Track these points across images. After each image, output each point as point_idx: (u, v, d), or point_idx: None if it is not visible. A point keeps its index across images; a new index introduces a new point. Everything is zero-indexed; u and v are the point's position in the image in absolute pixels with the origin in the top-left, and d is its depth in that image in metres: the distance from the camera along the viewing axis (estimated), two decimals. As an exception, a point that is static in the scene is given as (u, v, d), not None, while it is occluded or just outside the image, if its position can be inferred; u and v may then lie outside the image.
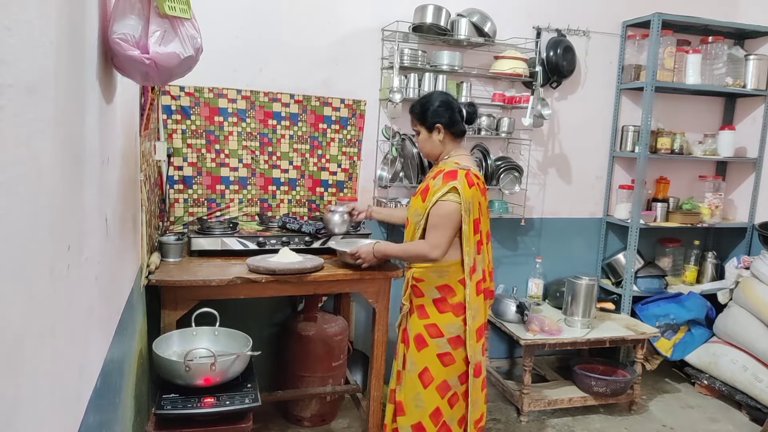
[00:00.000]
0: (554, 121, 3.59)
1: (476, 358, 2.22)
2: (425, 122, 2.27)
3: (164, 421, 1.78)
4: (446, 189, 2.14)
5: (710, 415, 3.32)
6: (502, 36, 3.26)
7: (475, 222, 2.19)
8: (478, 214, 2.19)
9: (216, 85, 2.91)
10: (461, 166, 2.19)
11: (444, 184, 2.15)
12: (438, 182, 2.18)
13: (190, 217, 2.95)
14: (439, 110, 2.23)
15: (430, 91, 2.36)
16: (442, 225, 2.15)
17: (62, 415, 0.92)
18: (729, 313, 3.52)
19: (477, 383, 2.25)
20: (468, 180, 2.16)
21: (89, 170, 1.13)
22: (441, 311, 2.22)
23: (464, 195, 2.13)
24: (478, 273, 2.22)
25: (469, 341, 2.20)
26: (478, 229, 2.21)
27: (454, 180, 2.14)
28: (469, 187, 2.15)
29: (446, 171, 2.19)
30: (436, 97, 2.28)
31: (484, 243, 2.25)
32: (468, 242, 2.17)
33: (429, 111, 2.25)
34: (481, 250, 2.23)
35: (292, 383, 2.88)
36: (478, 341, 2.23)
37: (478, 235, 2.21)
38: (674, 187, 3.84)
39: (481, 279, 2.24)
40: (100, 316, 1.25)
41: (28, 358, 0.74)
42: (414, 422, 2.27)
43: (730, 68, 3.64)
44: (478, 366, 2.24)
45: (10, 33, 0.66)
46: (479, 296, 2.23)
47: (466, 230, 2.16)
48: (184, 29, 1.31)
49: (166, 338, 2.06)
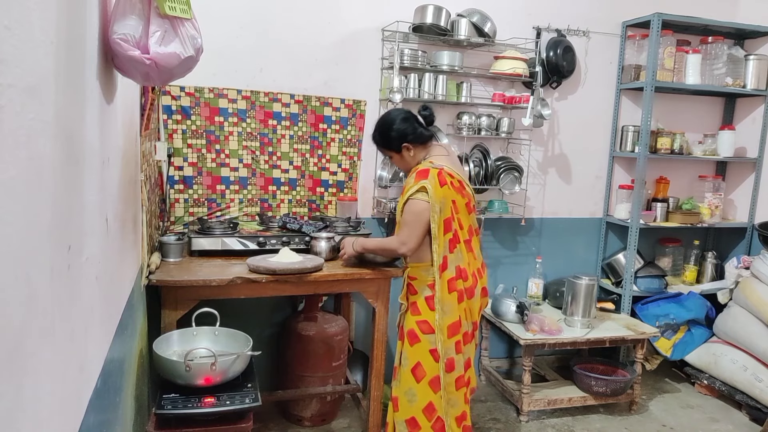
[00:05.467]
0: (554, 121, 3.59)
1: (448, 354, 2.25)
2: (392, 148, 2.32)
3: (164, 421, 1.78)
4: (416, 188, 2.19)
5: (710, 415, 3.32)
6: (502, 36, 3.26)
7: (447, 221, 2.22)
8: (450, 212, 2.22)
9: (216, 85, 2.91)
10: (434, 165, 2.23)
11: (415, 183, 2.21)
12: (411, 181, 2.25)
13: (190, 217, 2.95)
14: (399, 131, 2.27)
15: (382, 115, 2.38)
16: (410, 222, 2.21)
17: (63, 414, 0.92)
18: (729, 313, 3.52)
19: (450, 379, 2.27)
20: (440, 179, 2.19)
21: (89, 170, 1.13)
22: (431, 308, 2.25)
23: (434, 194, 2.17)
24: (450, 271, 2.24)
25: (439, 336, 2.23)
26: (451, 227, 2.23)
27: (424, 179, 2.19)
28: (440, 186, 2.19)
29: (419, 170, 2.25)
30: (391, 119, 2.30)
31: (461, 241, 2.27)
32: (436, 240, 2.21)
33: (391, 136, 2.29)
34: (455, 249, 2.25)
35: (293, 383, 2.89)
36: (450, 338, 2.25)
37: (450, 233, 2.24)
38: (674, 187, 3.84)
39: (454, 277, 2.25)
40: (100, 315, 1.25)
41: (28, 358, 0.74)
42: (407, 417, 2.29)
43: (729, 68, 3.64)
44: (450, 362, 2.26)
45: (10, 33, 0.67)
46: (452, 294, 2.25)
47: (434, 229, 2.20)
48: (184, 29, 1.31)
49: (166, 338, 2.06)
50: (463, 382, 2.31)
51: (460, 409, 2.31)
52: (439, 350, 2.23)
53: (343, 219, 2.99)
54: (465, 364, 2.32)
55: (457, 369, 2.28)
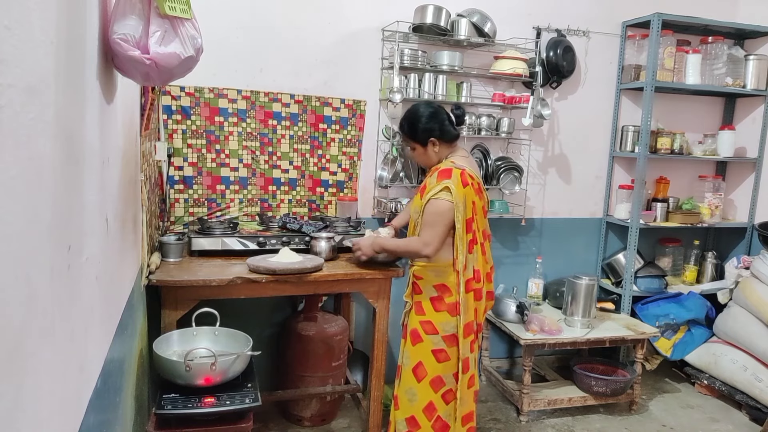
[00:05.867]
0: (554, 121, 3.59)
1: (464, 354, 2.25)
2: (418, 139, 2.29)
3: (164, 421, 1.78)
4: (439, 188, 2.17)
5: (710, 415, 3.32)
6: (502, 36, 3.26)
7: (468, 221, 2.21)
8: (471, 213, 2.21)
9: (216, 85, 2.91)
10: (456, 166, 2.22)
11: (438, 183, 2.19)
12: (433, 181, 2.22)
13: (190, 217, 2.95)
14: (429, 124, 2.25)
15: (413, 105, 2.31)
16: (434, 223, 2.19)
17: (63, 414, 0.92)
18: (729, 313, 3.52)
19: (465, 379, 2.28)
20: (462, 179, 2.18)
21: (89, 170, 1.13)
22: (437, 309, 2.25)
23: (457, 194, 2.16)
24: (468, 271, 2.24)
25: (459, 338, 2.23)
26: (471, 228, 2.23)
27: (447, 179, 2.17)
28: (462, 186, 2.17)
29: (441, 169, 2.23)
30: (422, 111, 2.27)
31: (478, 242, 2.27)
32: (461, 241, 2.20)
33: (419, 127, 2.26)
34: (473, 250, 2.25)
35: (293, 383, 2.89)
36: (466, 337, 2.25)
37: (470, 234, 2.23)
38: (674, 187, 3.84)
39: (471, 278, 2.25)
40: (100, 315, 1.25)
41: (28, 358, 0.74)
42: (407, 416, 2.30)
43: (729, 68, 3.64)
44: (465, 362, 2.26)
45: (10, 33, 0.67)
46: (468, 294, 2.25)
47: (459, 229, 2.19)
48: (184, 29, 1.31)
49: (166, 338, 2.06)
50: (473, 382, 2.33)
51: (468, 408, 2.32)
52: (460, 351, 2.23)
53: (343, 219, 2.99)
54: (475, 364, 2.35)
55: (470, 369, 2.29)
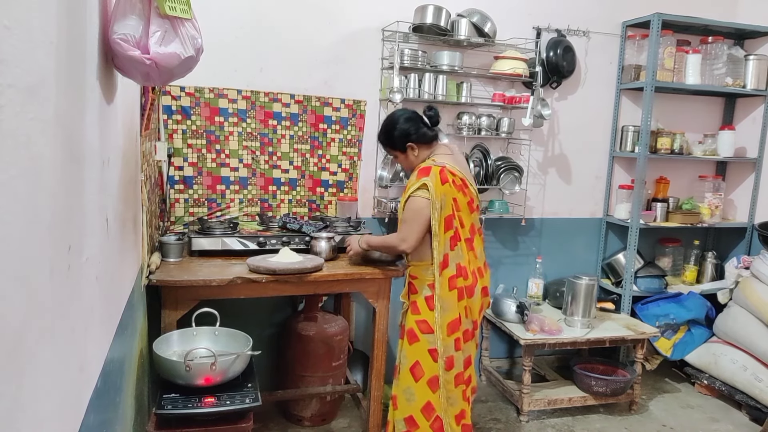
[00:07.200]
0: (554, 121, 3.59)
1: (448, 352, 2.26)
2: (396, 147, 2.34)
3: (165, 421, 1.78)
4: (417, 185, 2.21)
5: (710, 415, 3.32)
6: (502, 36, 3.26)
7: (447, 218, 2.23)
8: (451, 210, 2.23)
9: (216, 85, 2.91)
10: (436, 163, 2.24)
11: (417, 180, 2.22)
12: (413, 179, 2.26)
13: (190, 217, 2.95)
14: (403, 131, 2.29)
15: (388, 115, 2.41)
16: (411, 219, 2.23)
17: (63, 414, 0.92)
18: (729, 313, 3.52)
19: (449, 377, 2.28)
20: (441, 176, 2.20)
21: (89, 170, 1.13)
22: (431, 308, 2.26)
23: (435, 191, 2.18)
24: (450, 269, 2.25)
25: (438, 334, 2.24)
26: (452, 225, 2.24)
27: (426, 176, 2.20)
28: (441, 183, 2.20)
29: (421, 168, 2.26)
30: (395, 119, 2.33)
31: (462, 239, 2.27)
32: (436, 237, 2.22)
33: (395, 135, 2.31)
34: (455, 247, 2.25)
35: (293, 383, 2.89)
36: (450, 335, 2.26)
37: (451, 231, 2.24)
38: (674, 187, 3.84)
39: (455, 275, 2.25)
40: (100, 315, 1.25)
41: (28, 358, 0.74)
42: (406, 416, 2.30)
43: (729, 68, 3.64)
44: (449, 360, 2.26)
45: (10, 33, 0.67)
46: (452, 292, 2.26)
47: (435, 226, 2.21)
48: (184, 29, 1.31)
49: (166, 338, 2.06)
50: (462, 380, 2.32)
51: (459, 407, 2.31)
52: (439, 348, 2.24)
53: (343, 219, 2.99)
54: (465, 362, 2.32)
55: (456, 366, 2.28)
